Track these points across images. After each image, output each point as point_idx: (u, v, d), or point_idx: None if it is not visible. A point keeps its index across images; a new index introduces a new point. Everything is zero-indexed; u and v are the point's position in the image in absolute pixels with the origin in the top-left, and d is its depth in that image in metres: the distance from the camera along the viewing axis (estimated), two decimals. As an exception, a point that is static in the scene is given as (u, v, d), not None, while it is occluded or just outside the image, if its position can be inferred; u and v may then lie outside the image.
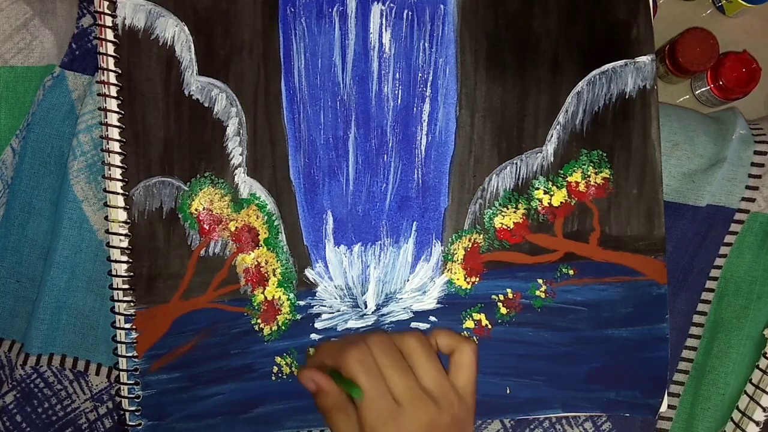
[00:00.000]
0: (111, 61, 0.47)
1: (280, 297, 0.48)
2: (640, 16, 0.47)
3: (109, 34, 0.47)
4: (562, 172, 0.48)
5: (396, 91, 0.48)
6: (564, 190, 0.48)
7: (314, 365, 0.42)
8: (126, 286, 0.47)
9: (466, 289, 0.48)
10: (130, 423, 0.48)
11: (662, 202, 0.48)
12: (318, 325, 0.48)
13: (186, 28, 0.47)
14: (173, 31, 0.47)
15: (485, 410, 0.49)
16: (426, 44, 0.48)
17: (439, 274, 0.48)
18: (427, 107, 0.48)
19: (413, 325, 0.48)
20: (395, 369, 0.39)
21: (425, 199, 0.48)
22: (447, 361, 0.42)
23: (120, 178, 0.47)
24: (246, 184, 0.48)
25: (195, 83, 0.48)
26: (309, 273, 0.48)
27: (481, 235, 0.48)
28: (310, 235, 0.48)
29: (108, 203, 0.47)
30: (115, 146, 0.47)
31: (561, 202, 0.48)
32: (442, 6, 0.48)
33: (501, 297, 0.48)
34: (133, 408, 0.47)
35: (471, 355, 0.41)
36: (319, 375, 0.40)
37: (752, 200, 0.50)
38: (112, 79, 0.47)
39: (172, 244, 0.48)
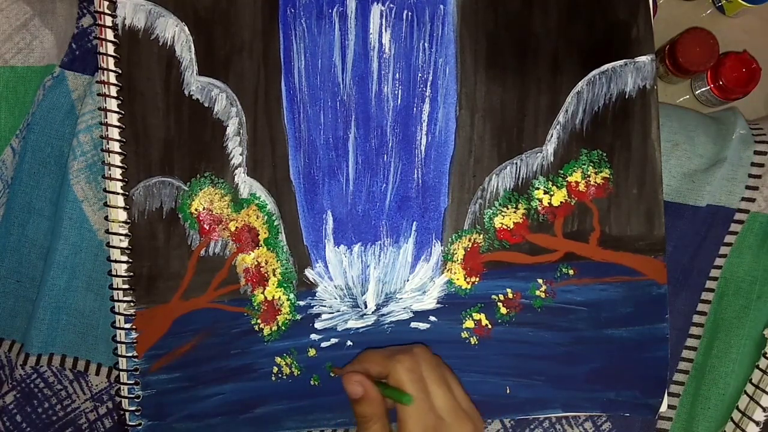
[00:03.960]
0: (111, 61, 0.47)
1: (280, 297, 0.48)
2: (640, 16, 0.47)
3: (109, 34, 0.47)
4: (562, 172, 0.48)
5: (396, 91, 0.48)
6: (564, 190, 0.48)
7: (357, 372, 0.42)
8: (126, 286, 0.47)
9: (466, 289, 0.48)
10: (130, 423, 0.48)
11: (662, 202, 0.48)
12: (318, 325, 0.48)
13: (186, 28, 0.47)
14: (173, 31, 0.47)
15: (485, 410, 0.49)
16: (426, 44, 0.48)
17: (439, 274, 0.48)
18: (427, 107, 0.48)
19: (413, 325, 0.48)
20: (440, 384, 0.41)
21: (425, 199, 0.48)
22: None
23: (120, 178, 0.47)
24: (246, 184, 0.48)
25: (195, 83, 0.48)
26: (309, 273, 0.48)
27: (481, 235, 0.48)
28: (310, 235, 0.48)
29: (108, 203, 0.47)
30: (115, 146, 0.47)
31: (561, 202, 0.48)
32: (441, 6, 0.48)
33: (501, 297, 0.48)
34: (133, 408, 0.47)
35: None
36: (368, 381, 0.40)
37: (752, 200, 0.50)
38: (112, 79, 0.47)
39: (172, 244, 0.48)
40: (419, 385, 0.40)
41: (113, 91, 0.47)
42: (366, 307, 0.48)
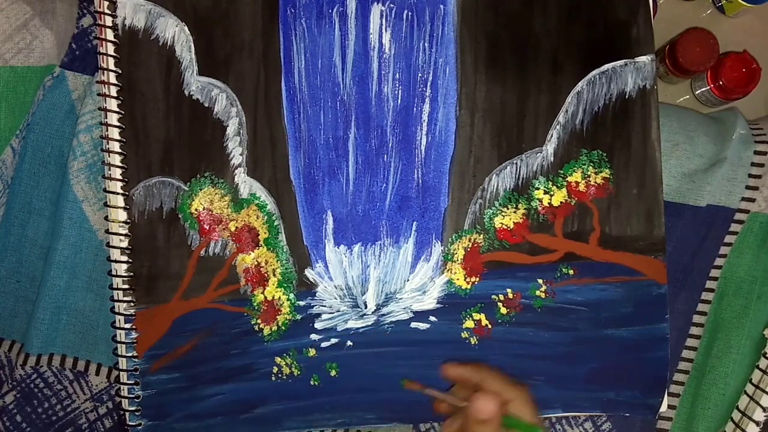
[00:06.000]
0: (111, 61, 0.47)
1: (280, 297, 0.48)
2: (640, 16, 0.47)
3: (109, 34, 0.47)
4: (562, 172, 0.48)
5: (396, 91, 0.48)
6: (564, 190, 0.48)
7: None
8: (126, 286, 0.47)
9: (466, 289, 0.48)
10: (130, 423, 0.48)
11: (662, 202, 0.48)
12: (318, 325, 0.48)
13: (186, 28, 0.47)
14: (173, 31, 0.47)
15: (485, 410, 0.49)
16: (426, 44, 0.48)
17: (439, 274, 0.48)
18: (427, 107, 0.48)
19: (413, 325, 0.48)
20: None
21: (425, 199, 0.48)
22: None
23: (120, 178, 0.47)
24: (246, 184, 0.48)
25: (195, 83, 0.48)
26: (309, 273, 0.48)
27: (481, 235, 0.48)
28: (310, 235, 0.48)
29: (108, 203, 0.47)
30: (115, 146, 0.47)
31: (561, 202, 0.48)
32: (442, 6, 0.48)
33: (501, 297, 0.48)
34: (133, 408, 0.47)
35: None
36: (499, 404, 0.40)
37: (752, 200, 0.50)
38: (112, 79, 0.47)
39: (172, 244, 0.48)
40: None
41: (113, 91, 0.47)
42: (366, 307, 0.48)
